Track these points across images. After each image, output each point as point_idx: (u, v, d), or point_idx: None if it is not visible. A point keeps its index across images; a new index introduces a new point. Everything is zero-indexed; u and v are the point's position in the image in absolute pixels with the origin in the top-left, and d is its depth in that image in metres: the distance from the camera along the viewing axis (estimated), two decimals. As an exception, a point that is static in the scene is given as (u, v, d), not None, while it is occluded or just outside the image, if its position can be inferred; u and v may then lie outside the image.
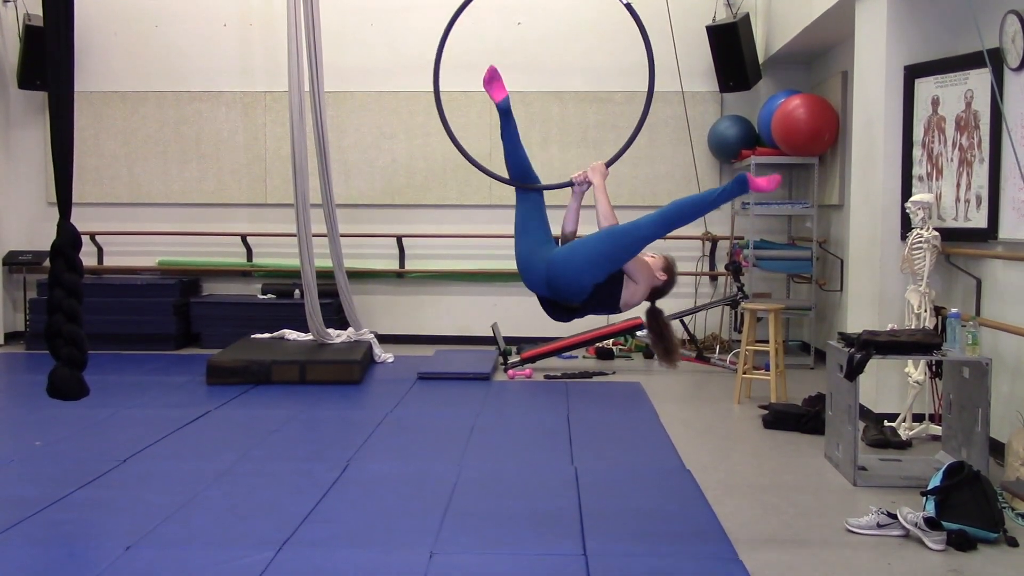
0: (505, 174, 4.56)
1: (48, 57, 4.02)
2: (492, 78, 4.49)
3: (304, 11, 8.06)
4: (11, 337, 10.08)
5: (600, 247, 4.17)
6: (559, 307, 4.33)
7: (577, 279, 4.14)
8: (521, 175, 4.43)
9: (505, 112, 4.46)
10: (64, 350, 4.28)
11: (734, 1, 9.46)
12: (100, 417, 6.38)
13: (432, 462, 5.45)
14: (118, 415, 6.53)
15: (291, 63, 8.08)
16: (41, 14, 9.51)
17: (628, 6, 4.49)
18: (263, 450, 5.70)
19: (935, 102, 6.11)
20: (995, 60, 5.41)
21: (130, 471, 5.19)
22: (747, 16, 9.27)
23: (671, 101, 9.60)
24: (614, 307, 4.34)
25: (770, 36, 9.30)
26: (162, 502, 4.61)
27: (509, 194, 5.10)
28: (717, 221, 9.75)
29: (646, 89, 4.58)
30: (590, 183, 4.44)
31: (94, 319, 7.59)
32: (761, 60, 9.44)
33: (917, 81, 6.23)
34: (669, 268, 4.53)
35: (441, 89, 5.05)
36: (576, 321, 8.97)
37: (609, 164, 4.52)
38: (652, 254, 4.49)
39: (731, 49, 9.23)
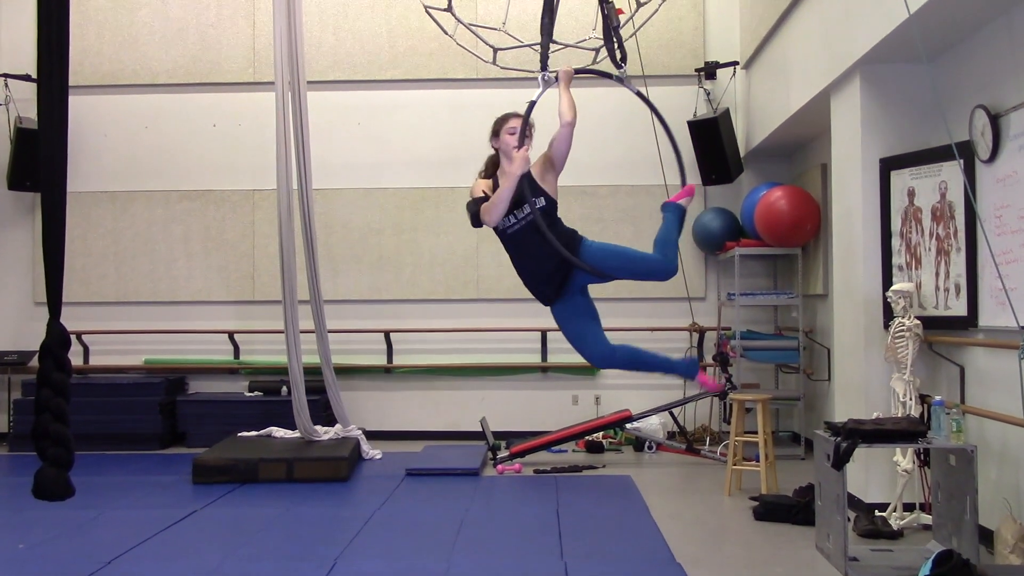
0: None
1: (42, 160, 4.14)
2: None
3: (292, 110, 8.27)
4: (-6, 439, 10.06)
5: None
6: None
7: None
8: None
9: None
10: (51, 450, 4.31)
11: (714, 97, 9.77)
12: (84, 518, 6.36)
13: (421, 559, 5.45)
14: (103, 516, 6.51)
15: (279, 162, 8.24)
16: (31, 116, 9.70)
17: (639, 94, 5.25)
18: (250, 549, 5.69)
19: (911, 193, 6.30)
20: (966, 152, 5.62)
21: (115, 573, 5.17)
22: (727, 111, 9.56)
23: (655, 194, 9.78)
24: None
25: (750, 130, 9.57)
26: (147, 604, 4.59)
27: (496, 288, 5.26)
28: (704, 312, 9.89)
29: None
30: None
31: (79, 419, 7.55)
32: (742, 153, 9.71)
33: (893, 173, 6.43)
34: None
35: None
36: (565, 416, 9.16)
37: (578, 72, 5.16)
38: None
39: (712, 143, 9.49)
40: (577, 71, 5.23)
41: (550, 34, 5.41)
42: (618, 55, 5.41)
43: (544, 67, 5.23)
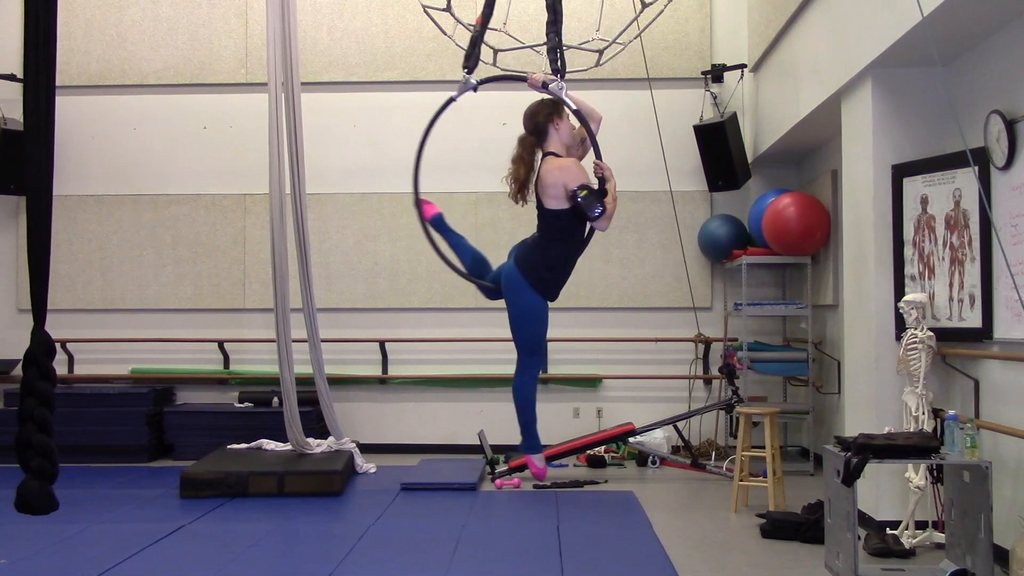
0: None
1: (28, 162, 4.15)
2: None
3: (286, 112, 8.28)
4: (-25, 450, 10.03)
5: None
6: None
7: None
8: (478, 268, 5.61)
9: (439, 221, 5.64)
10: (34, 462, 4.31)
11: (721, 101, 9.78)
12: (69, 533, 6.36)
13: (416, 577, 5.45)
14: (88, 530, 6.51)
15: (272, 165, 8.26)
16: (17, 117, 9.70)
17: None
18: (240, 566, 5.69)
19: (924, 201, 6.32)
20: (981, 159, 5.63)
21: (99, 590, 5.18)
22: (734, 115, 9.58)
23: (660, 200, 9.83)
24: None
25: (758, 135, 9.58)
26: (132, 622, 4.59)
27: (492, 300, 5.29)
28: (710, 323, 9.89)
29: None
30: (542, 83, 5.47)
31: (63, 430, 7.53)
32: (750, 159, 9.72)
33: (905, 180, 6.45)
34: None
35: (424, 190, 5.34)
36: (566, 429, 9.27)
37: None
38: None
39: (719, 148, 9.50)
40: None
41: (480, 37, 5.87)
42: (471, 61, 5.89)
43: (472, 70, 5.77)
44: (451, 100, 5.61)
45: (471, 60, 5.79)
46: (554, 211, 5.23)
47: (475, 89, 5.67)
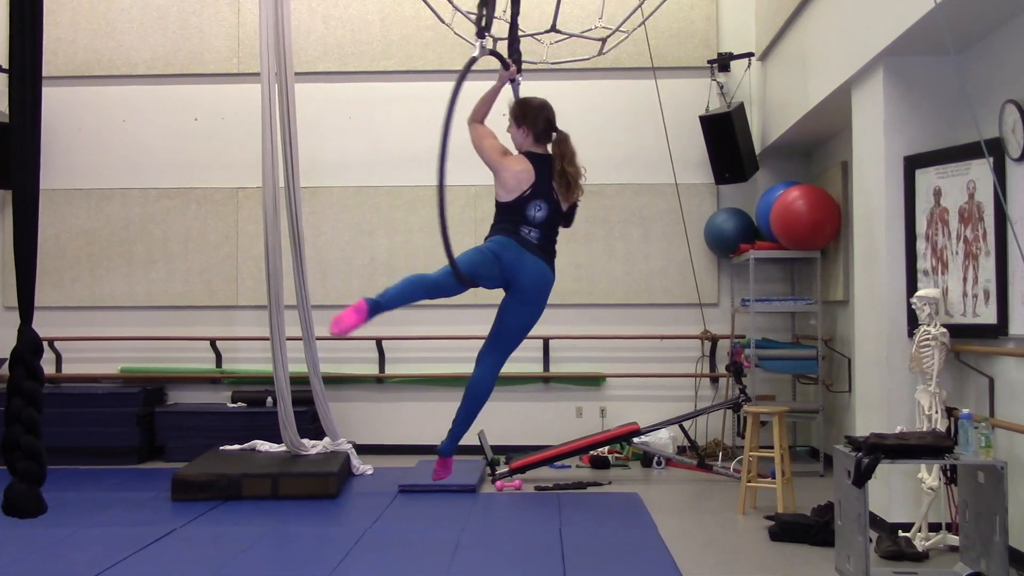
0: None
1: (13, 156, 4.15)
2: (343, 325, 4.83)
3: (279, 104, 8.27)
4: (-40, 452, 10.03)
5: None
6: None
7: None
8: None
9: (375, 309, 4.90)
10: (21, 464, 4.31)
11: (728, 90, 9.77)
12: (57, 537, 6.36)
13: (414, 581, 5.45)
14: (76, 534, 6.51)
15: (265, 158, 8.25)
16: (2, 109, 9.67)
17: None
18: (233, 570, 5.69)
19: (937, 193, 6.31)
20: (996, 150, 5.62)
21: (88, 595, 5.18)
22: (741, 106, 9.55)
23: (664, 193, 9.82)
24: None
25: (766, 126, 9.58)
26: (123, 628, 4.59)
27: (494, 294, 5.28)
28: (717, 319, 9.89)
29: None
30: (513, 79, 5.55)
31: (51, 431, 7.53)
32: (758, 150, 9.71)
33: (917, 172, 6.44)
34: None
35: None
36: (569, 429, 9.22)
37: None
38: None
39: (726, 139, 9.48)
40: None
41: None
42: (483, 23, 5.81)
43: (484, 33, 5.74)
44: (473, 60, 5.57)
45: (482, 22, 5.77)
46: (562, 212, 5.33)
47: (476, 57, 5.64)
